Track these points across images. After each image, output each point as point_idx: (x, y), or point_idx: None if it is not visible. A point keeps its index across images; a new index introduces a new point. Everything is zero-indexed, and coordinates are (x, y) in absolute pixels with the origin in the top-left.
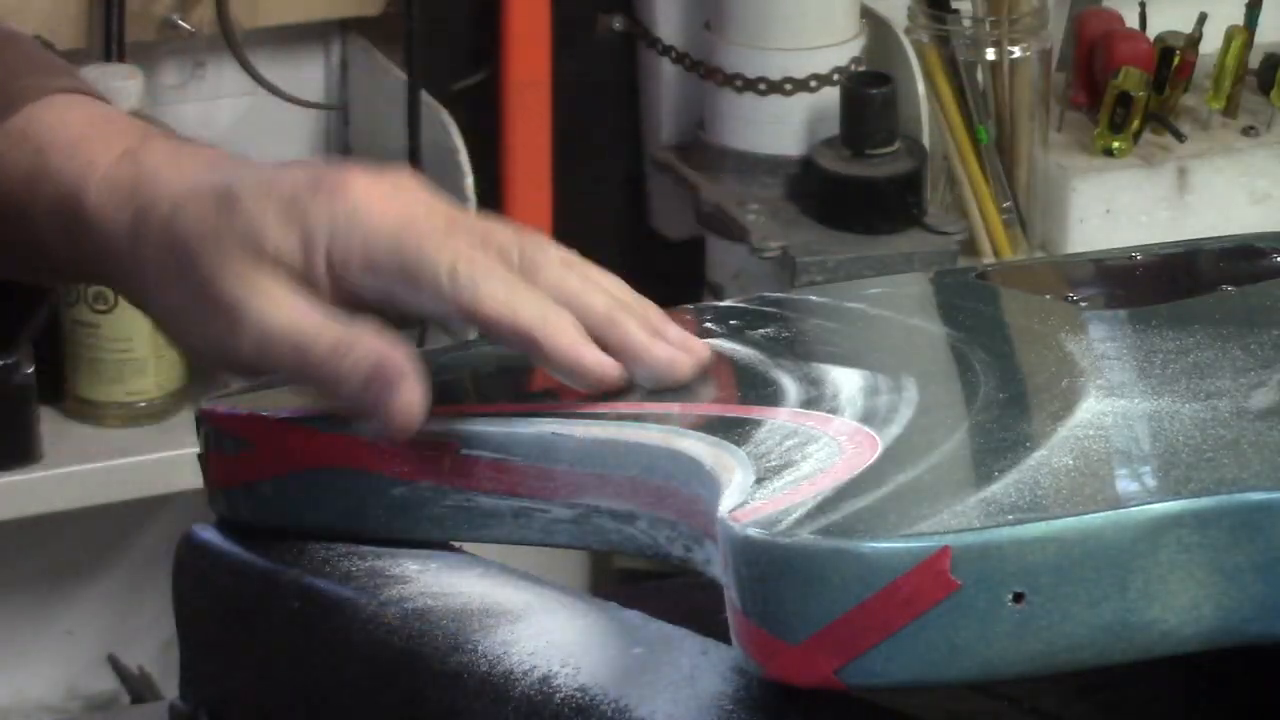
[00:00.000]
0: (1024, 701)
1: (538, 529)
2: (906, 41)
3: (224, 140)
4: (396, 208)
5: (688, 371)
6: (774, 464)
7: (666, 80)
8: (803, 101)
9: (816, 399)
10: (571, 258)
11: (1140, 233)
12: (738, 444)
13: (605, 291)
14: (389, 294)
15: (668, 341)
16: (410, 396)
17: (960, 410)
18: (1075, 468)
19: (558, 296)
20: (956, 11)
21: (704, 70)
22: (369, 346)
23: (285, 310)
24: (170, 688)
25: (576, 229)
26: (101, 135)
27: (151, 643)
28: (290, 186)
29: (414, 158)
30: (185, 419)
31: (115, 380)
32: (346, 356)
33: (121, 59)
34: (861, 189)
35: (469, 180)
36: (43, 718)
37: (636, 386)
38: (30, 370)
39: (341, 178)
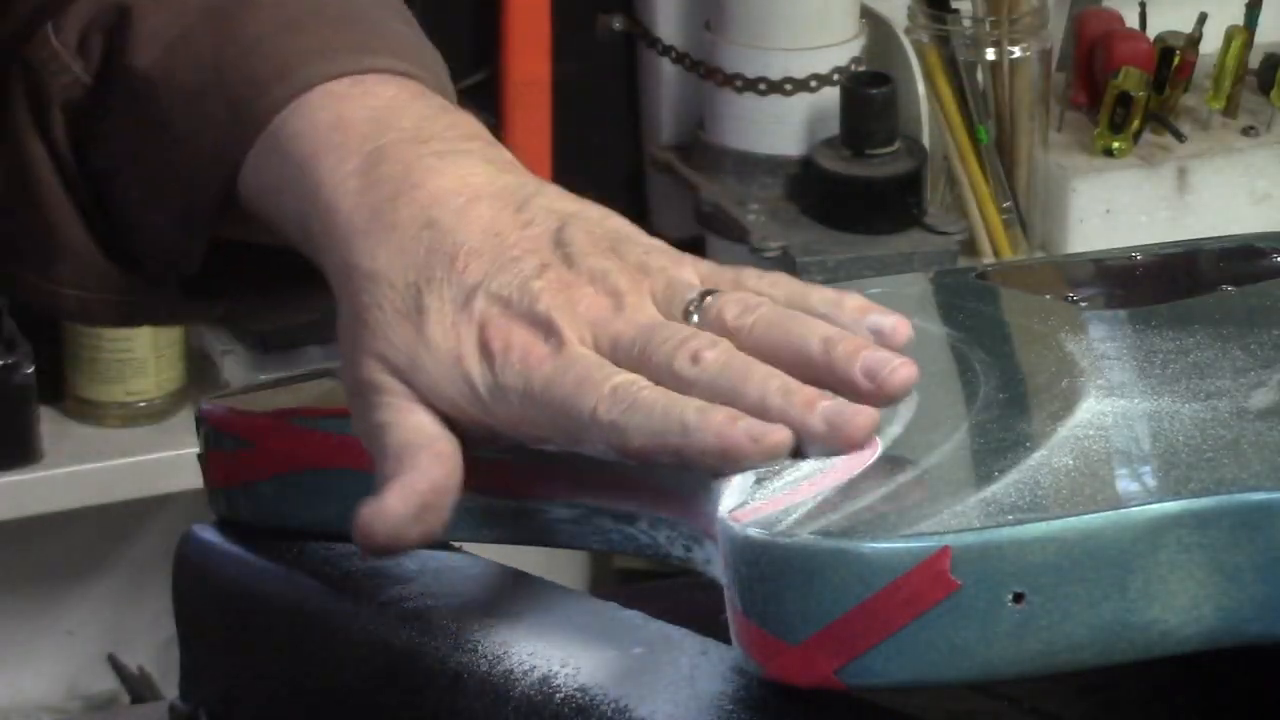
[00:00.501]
0: (1024, 701)
1: (538, 529)
2: (906, 41)
3: None
4: (543, 369)
5: (860, 430)
6: (774, 464)
7: (666, 80)
8: (803, 101)
9: None
10: (745, 321)
11: (1140, 233)
12: None
13: (776, 357)
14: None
15: (839, 402)
16: (377, 510)
17: (960, 410)
18: (1075, 468)
19: (712, 394)
20: (956, 11)
21: (704, 70)
22: (410, 457)
23: (390, 410)
24: (170, 688)
25: None
26: (339, 145)
27: (151, 643)
28: (463, 338)
29: None
30: (185, 419)
31: (115, 380)
32: (389, 462)
33: None
34: (861, 189)
35: None
36: (43, 718)
37: None
38: (30, 370)
39: (504, 340)
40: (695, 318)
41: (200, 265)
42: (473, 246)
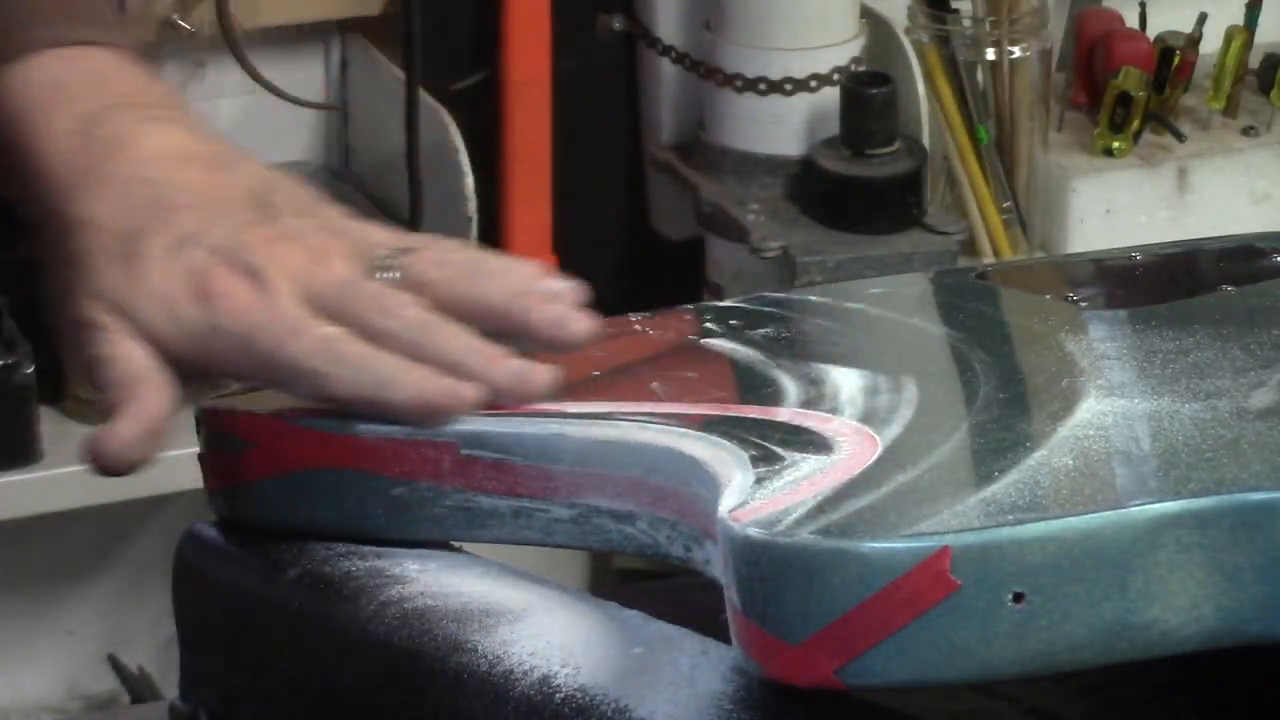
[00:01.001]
0: (1024, 701)
1: (538, 529)
2: (906, 41)
3: None
4: (253, 314)
5: (541, 383)
6: (774, 464)
7: (666, 80)
8: (803, 101)
9: (816, 399)
10: (433, 278)
11: (1140, 233)
12: (738, 444)
13: (463, 313)
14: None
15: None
16: (119, 430)
17: (960, 410)
18: (1075, 468)
19: (413, 351)
20: (956, 11)
21: (704, 70)
22: (130, 386)
23: (110, 343)
24: (170, 688)
25: (576, 229)
26: (55, 104)
27: (151, 643)
28: (175, 282)
29: (413, 158)
30: (185, 419)
31: None
32: (109, 390)
33: None
34: (861, 189)
35: (469, 180)
36: (43, 718)
37: (641, 388)
38: (30, 370)
39: (212, 286)
40: (389, 275)
41: None
42: (186, 201)
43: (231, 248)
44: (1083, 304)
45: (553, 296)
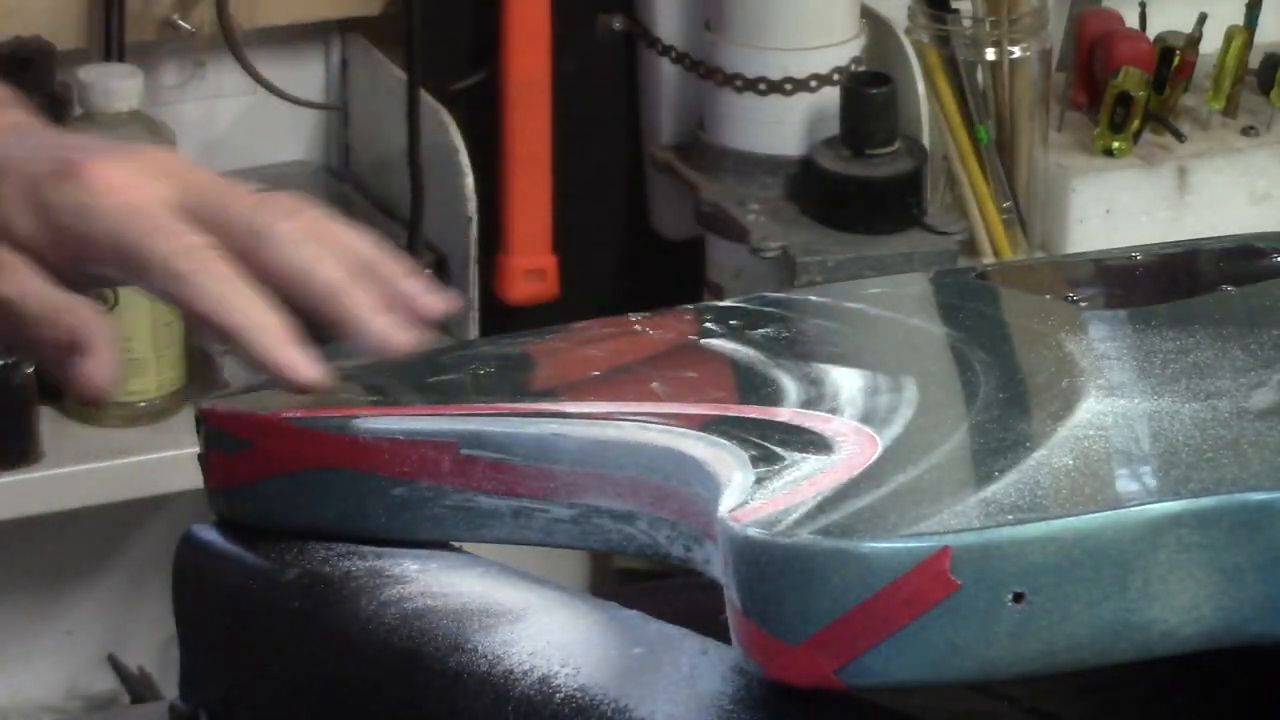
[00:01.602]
0: (1024, 701)
1: (538, 529)
2: (906, 41)
3: (224, 140)
4: (127, 197)
5: (400, 342)
6: (774, 464)
7: (666, 80)
8: (803, 101)
9: (816, 399)
10: (314, 224)
11: (1140, 233)
12: (738, 444)
13: (338, 261)
14: (123, 281)
15: (400, 306)
16: (96, 365)
17: (960, 410)
18: (1075, 468)
19: (283, 274)
20: (956, 11)
21: (704, 70)
22: (69, 318)
23: (9, 281)
24: (170, 688)
25: (576, 229)
26: None
27: (151, 643)
28: (35, 169)
29: (414, 158)
30: (185, 419)
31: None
32: (46, 325)
33: (121, 59)
34: (861, 189)
35: (469, 180)
36: (43, 718)
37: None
38: (30, 370)
39: (79, 163)
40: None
41: None
42: (33, 141)
43: (95, 143)
44: (1083, 304)
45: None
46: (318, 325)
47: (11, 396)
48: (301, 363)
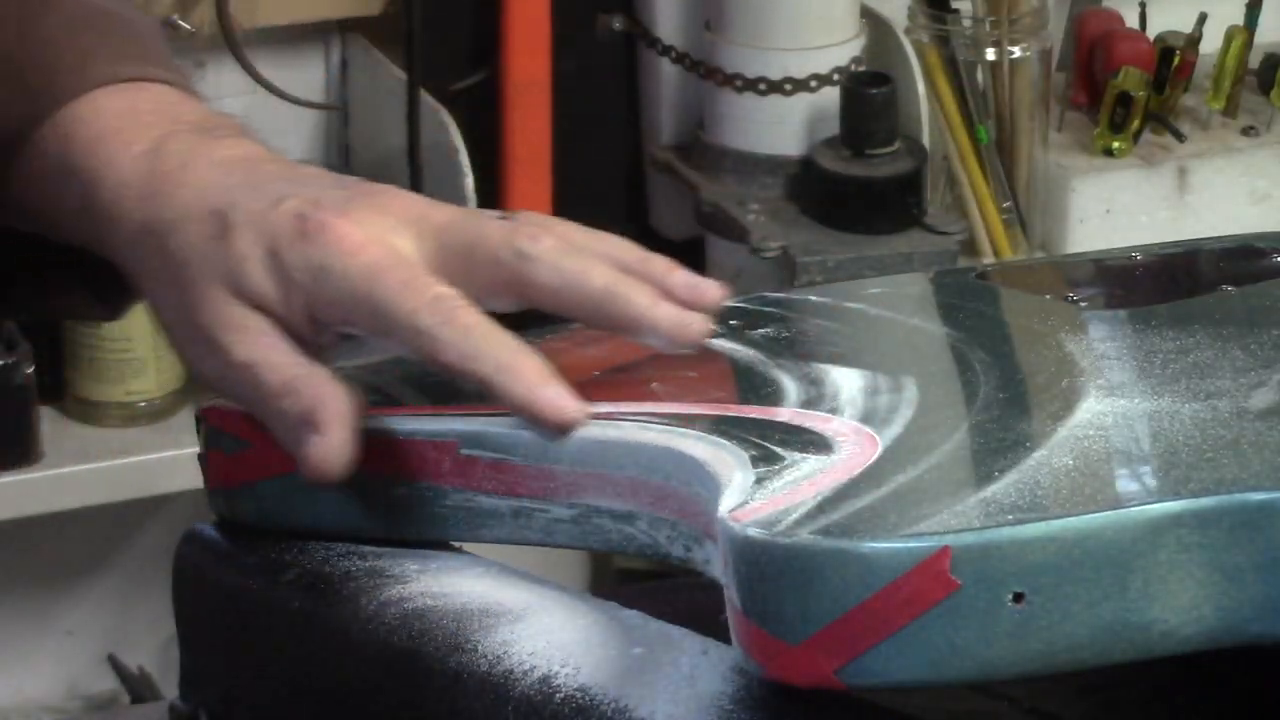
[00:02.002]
0: (1024, 701)
1: (538, 529)
2: (906, 41)
3: None
4: (369, 256)
5: (698, 329)
6: (774, 464)
7: (666, 80)
8: (803, 101)
9: (816, 399)
10: (570, 235)
11: (1140, 233)
12: (738, 444)
13: (603, 264)
14: (369, 339)
15: (676, 301)
16: (326, 445)
17: (960, 410)
18: (1075, 468)
19: (555, 292)
20: (956, 11)
21: (704, 70)
22: (309, 392)
23: (251, 346)
24: (170, 688)
25: None
26: (128, 129)
27: (151, 643)
28: (277, 227)
29: (414, 158)
30: (185, 419)
31: (115, 380)
32: (287, 398)
33: None
34: (861, 189)
35: (469, 180)
36: (43, 718)
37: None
38: (30, 370)
39: (320, 223)
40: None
41: None
42: (269, 179)
43: (333, 197)
44: (1083, 304)
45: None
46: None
47: (11, 396)
48: (561, 400)
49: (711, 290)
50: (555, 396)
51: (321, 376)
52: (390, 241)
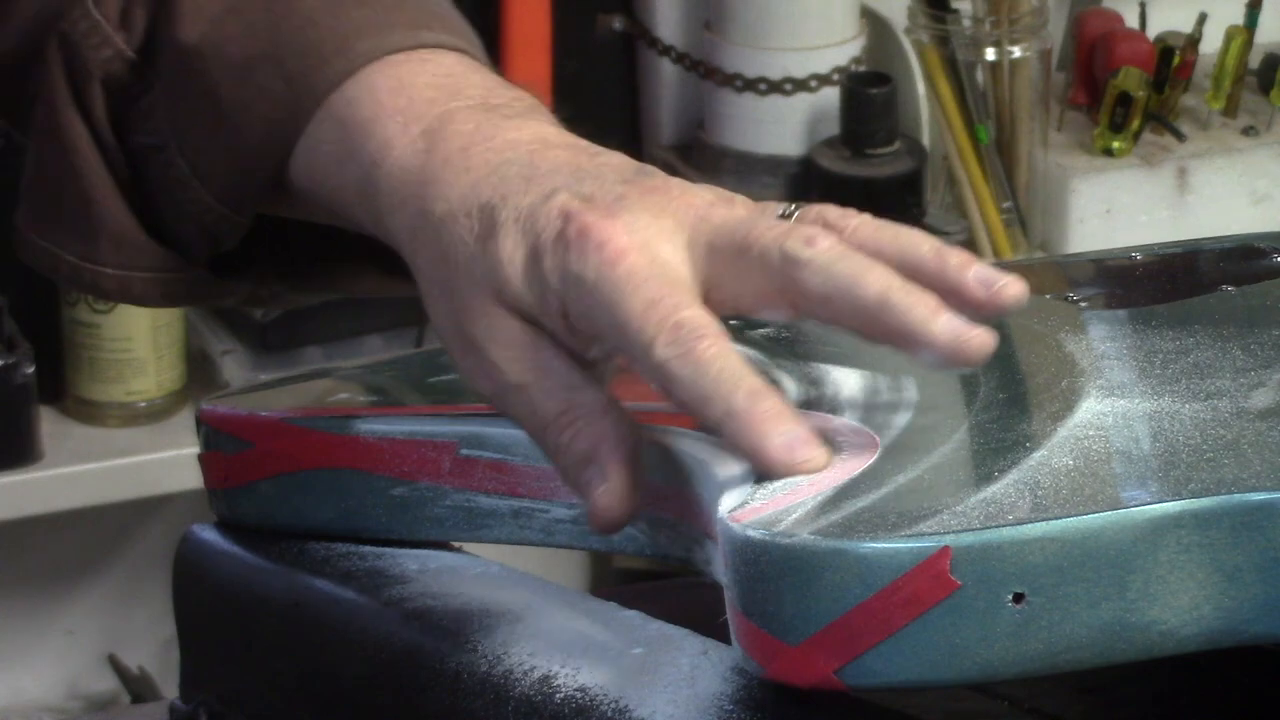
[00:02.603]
0: (1024, 701)
1: (538, 529)
2: (906, 41)
3: None
4: (628, 265)
5: (976, 346)
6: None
7: (666, 80)
8: (803, 101)
9: (816, 399)
10: (857, 233)
11: (1140, 233)
12: None
13: (881, 268)
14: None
15: (970, 299)
16: (611, 496)
17: (960, 410)
18: (1075, 468)
19: (827, 302)
20: (956, 11)
21: (704, 70)
22: (589, 428)
23: (522, 366)
24: (170, 688)
25: None
26: (405, 108)
27: (151, 643)
28: (542, 226)
29: None
30: (185, 419)
31: (115, 380)
32: (566, 430)
33: None
34: (861, 189)
35: None
36: (43, 718)
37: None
38: (30, 370)
39: (585, 226)
40: (793, 220)
41: (239, 241)
42: (549, 169)
43: (604, 194)
44: (1083, 304)
45: (984, 277)
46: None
47: (11, 396)
48: (796, 447)
49: (1012, 287)
50: (782, 447)
51: (599, 405)
52: (656, 249)
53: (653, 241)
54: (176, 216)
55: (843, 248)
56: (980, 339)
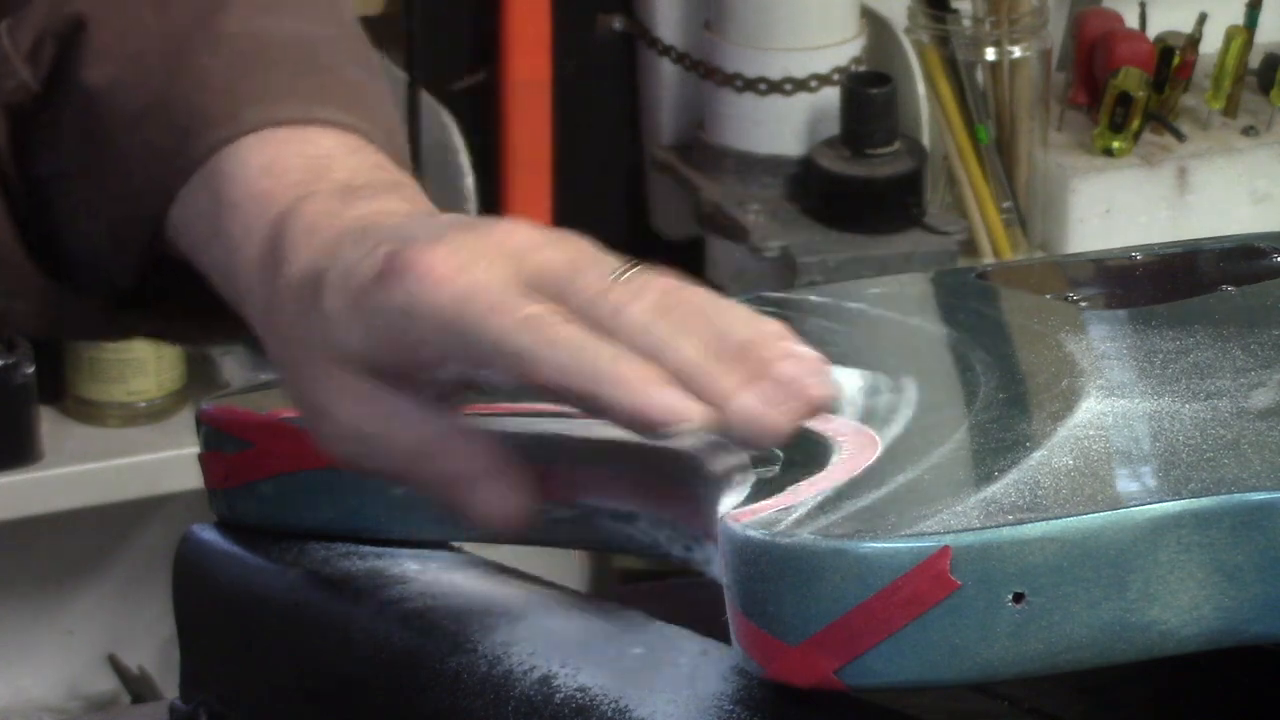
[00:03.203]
0: (1024, 701)
1: (538, 529)
2: (906, 41)
3: None
4: (457, 286)
5: (775, 422)
6: (774, 464)
7: (666, 80)
8: (803, 101)
9: None
10: (672, 300)
11: (1140, 233)
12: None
13: (696, 337)
14: (469, 376)
15: (771, 385)
16: (489, 500)
17: (960, 410)
18: (1075, 468)
19: (639, 348)
20: (956, 11)
21: (704, 70)
22: (451, 452)
23: (372, 417)
24: (170, 688)
25: (577, 229)
26: (268, 192)
27: (151, 643)
28: (359, 273)
29: (414, 158)
30: (185, 419)
31: (115, 380)
32: (430, 462)
33: None
34: (861, 189)
35: (469, 180)
36: (43, 718)
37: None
38: (30, 370)
39: (406, 260)
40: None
41: (134, 280)
42: (380, 230)
43: (426, 231)
44: (1083, 304)
45: (795, 356)
46: None
47: (11, 396)
48: (676, 404)
49: (818, 390)
50: (665, 400)
51: (454, 429)
52: (479, 270)
53: (477, 264)
54: (73, 249)
55: (660, 311)
56: (776, 417)
